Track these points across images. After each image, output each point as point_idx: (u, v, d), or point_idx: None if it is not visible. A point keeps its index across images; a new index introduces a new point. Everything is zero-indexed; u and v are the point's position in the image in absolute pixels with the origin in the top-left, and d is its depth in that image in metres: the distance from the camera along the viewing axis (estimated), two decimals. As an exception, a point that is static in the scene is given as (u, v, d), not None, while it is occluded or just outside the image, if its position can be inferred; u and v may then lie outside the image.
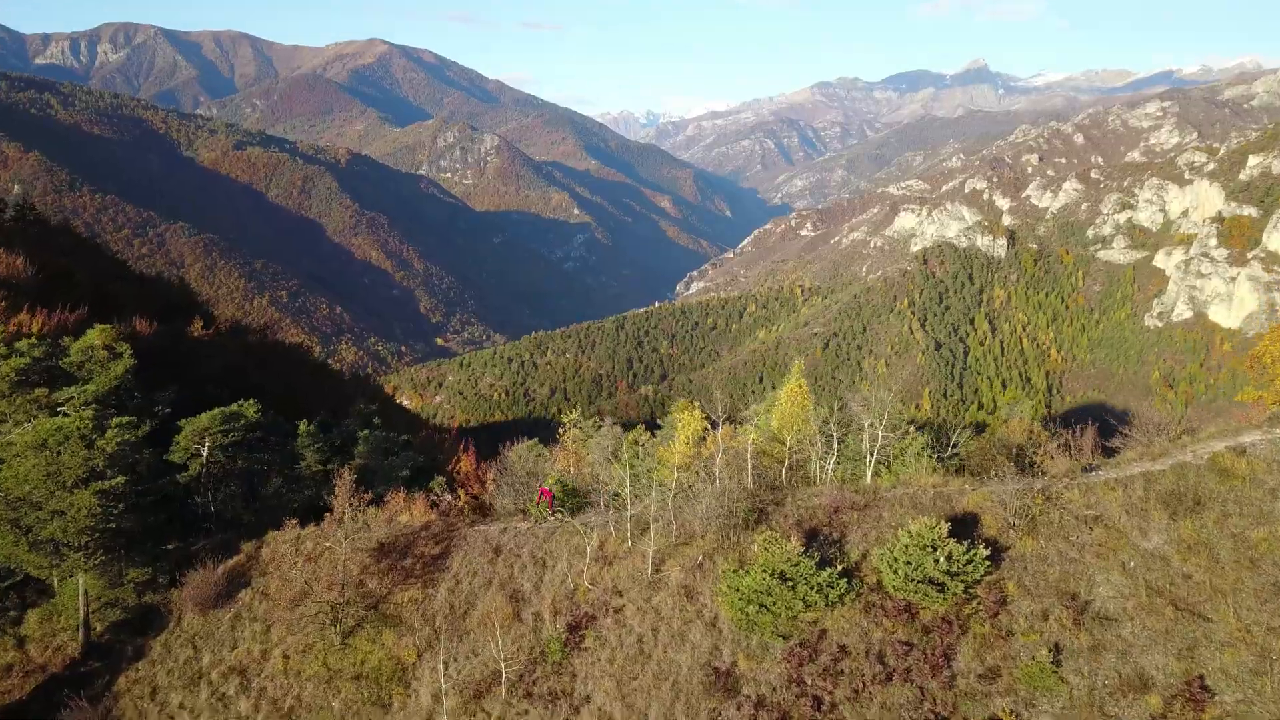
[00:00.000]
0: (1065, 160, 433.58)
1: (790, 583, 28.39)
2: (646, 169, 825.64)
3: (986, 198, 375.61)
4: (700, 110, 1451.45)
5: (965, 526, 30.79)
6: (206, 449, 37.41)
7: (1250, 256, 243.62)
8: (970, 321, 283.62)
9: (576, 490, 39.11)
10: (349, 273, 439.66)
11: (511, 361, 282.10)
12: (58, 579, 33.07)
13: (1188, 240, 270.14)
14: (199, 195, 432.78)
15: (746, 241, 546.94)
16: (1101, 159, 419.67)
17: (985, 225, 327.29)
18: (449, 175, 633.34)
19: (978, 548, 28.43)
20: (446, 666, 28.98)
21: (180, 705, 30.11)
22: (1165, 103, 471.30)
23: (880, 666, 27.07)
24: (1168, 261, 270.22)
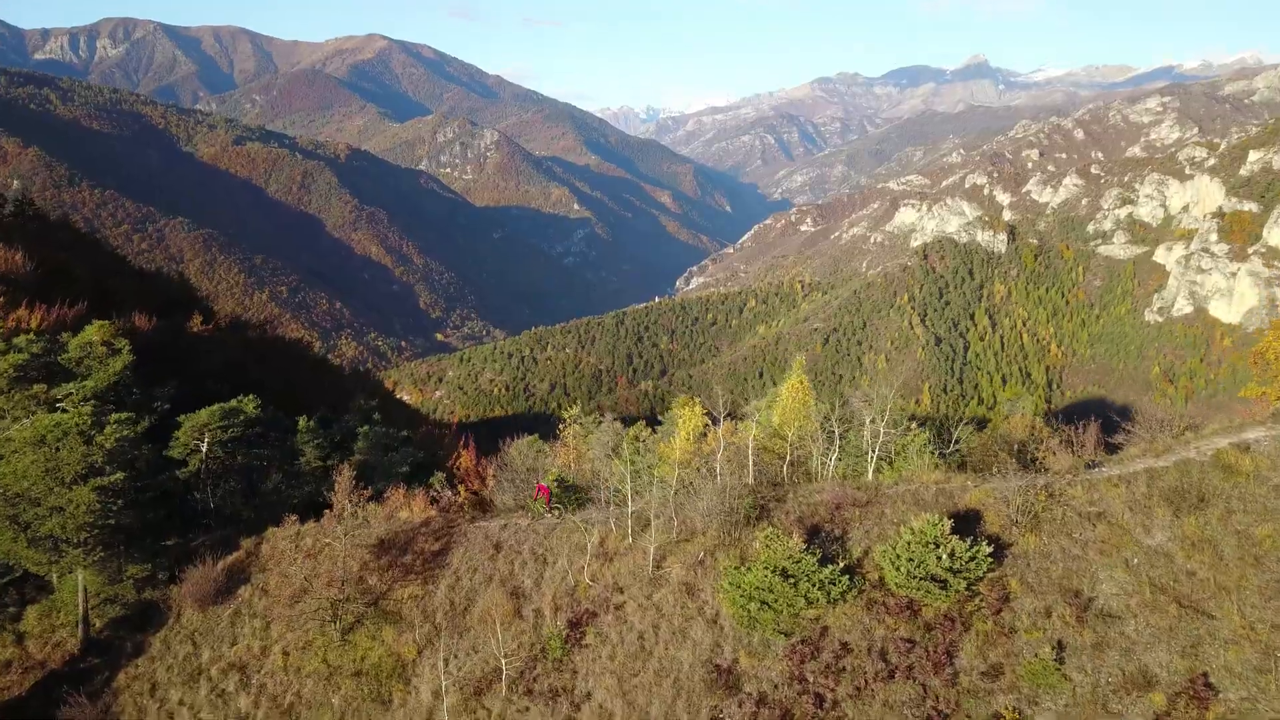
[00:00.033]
0: (1066, 155, 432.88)
1: (792, 580, 28.28)
2: (646, 164, 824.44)
3: (987, 193, 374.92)
4: (700, 105, 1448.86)
5: (968, 523, 30.70)
6: (206, 445, 37.28)
7: (1251, 252, 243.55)
8: (970, 317, 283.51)
9: (577, 486, 38.98)
10: (349, 268, 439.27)
11: (511, 357, 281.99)
12: (57, 575, 32.94)
13: (1188, 235, 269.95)
14: (198, 190, 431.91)
15: (746, 237, 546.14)
16: (1102, 154, 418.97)
17: (986, 220, 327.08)
18: (449, 171, 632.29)
19: (980, 545, 28.33)
20: (447, 663, 28.88)
21: (180, 702, 30.00)
22: (1166, 98, 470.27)
23: (882, 664, 26.97)
24: (1168, 257, 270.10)
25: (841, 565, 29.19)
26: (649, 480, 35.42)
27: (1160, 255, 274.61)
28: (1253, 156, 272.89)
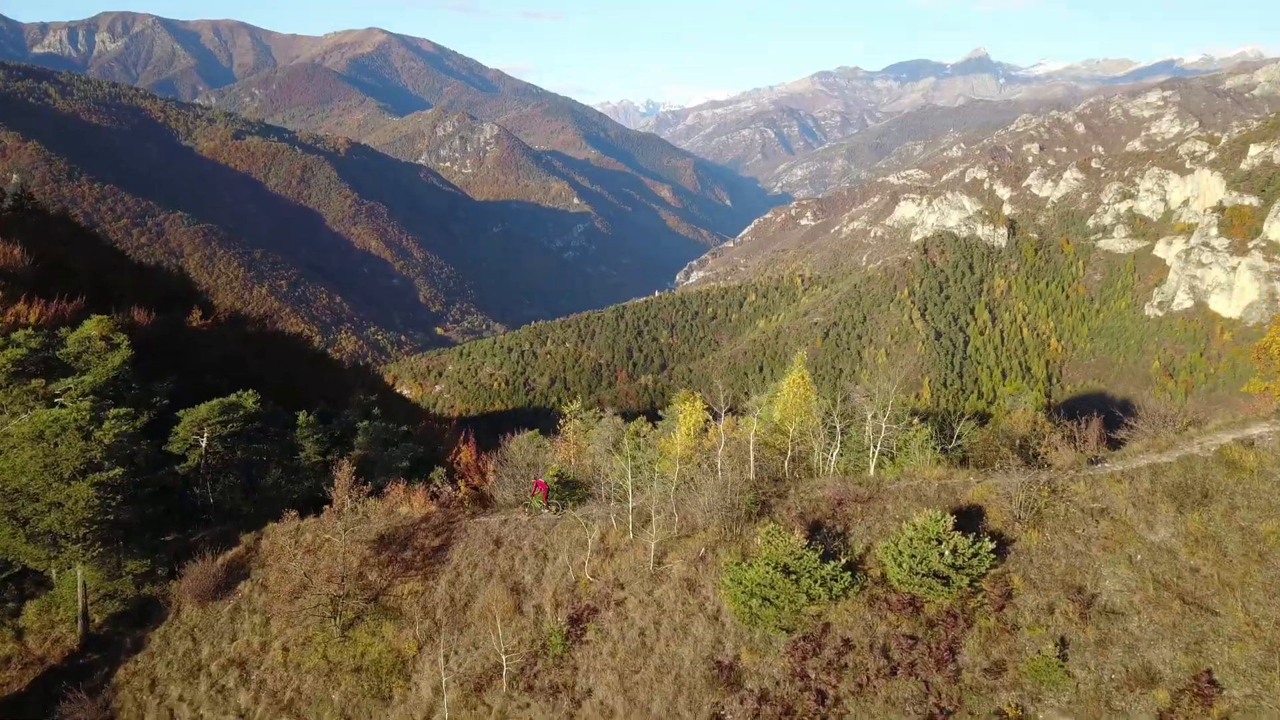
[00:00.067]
0: (1066, 150, 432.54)
1: (793, 576, 28.18)
2: (646, 158, 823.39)
3: (987, 187, 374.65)
4: (700, 99, 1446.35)
5: (970, 519, 30.58)
6: (205, 440, 37.17)
7: (1251, 246, 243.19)
8: (970, 311, 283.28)
9: (578, 482, 38.86)
10: (348, 262, 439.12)
11: (511, 351, 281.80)
12: (56, 571, 32.85)
13: (1188, 230, 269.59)
14: (198, 184, 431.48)
15: (746, 231, 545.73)
16: (1102, 148, 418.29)
17: (986, 215, 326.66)
18: (448, 165, 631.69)
19: (983, 541, 28.20)
20: (447, 659, 28.78)
21: (179, 698, 29.91)
22: (1166, 92, 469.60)
23: (885, 660, 26.88)
24: (1168, 251, 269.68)
25: (843, 561, 29.08)
26: (650, 476, 35.29)
27: (1160, 249, 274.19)
28: (1253, 151, 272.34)
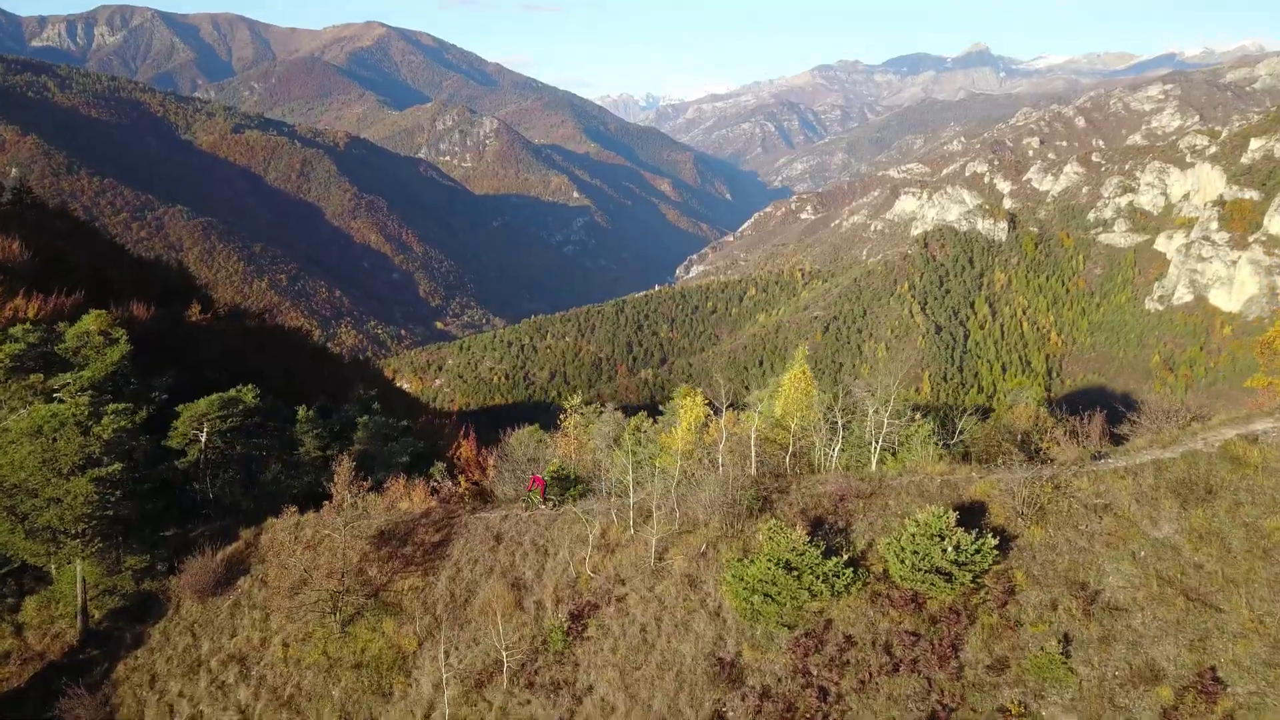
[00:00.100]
0: (1066, 143, 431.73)
1: (795, 572, 28.04)
2: (646, 152, 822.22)
3: (987, 181, 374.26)
4: (700, 93, 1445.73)
5: (972, 515, 30.43)
6: (205, 435, 37.05)
7: (1251, 240, 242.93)
8: (970, 305, 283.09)
9: (579, 477, 38.74)
10: (348, 256, 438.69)
11: (511, 345, 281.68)
12: (55, 566, 32.74)
13: (1189, 224, 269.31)
14: (197, 178, 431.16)
15: (746, 225, 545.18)
16: (1103, 142, 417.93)
17: (986, 209, 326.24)
18: (448, 159, 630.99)
19: (986, 537, 28.04)
20: (447, 655, 28.64)
21: (179, 693, 29.83)
22: (1167, 86, 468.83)
23: (887, 657, 26.77)
24: (1169, 245, 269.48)
25: (845, 558, 28.95)
26: (650, 471, 35.16)
27: (1161, 243, 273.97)
28: (1254, 144, 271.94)
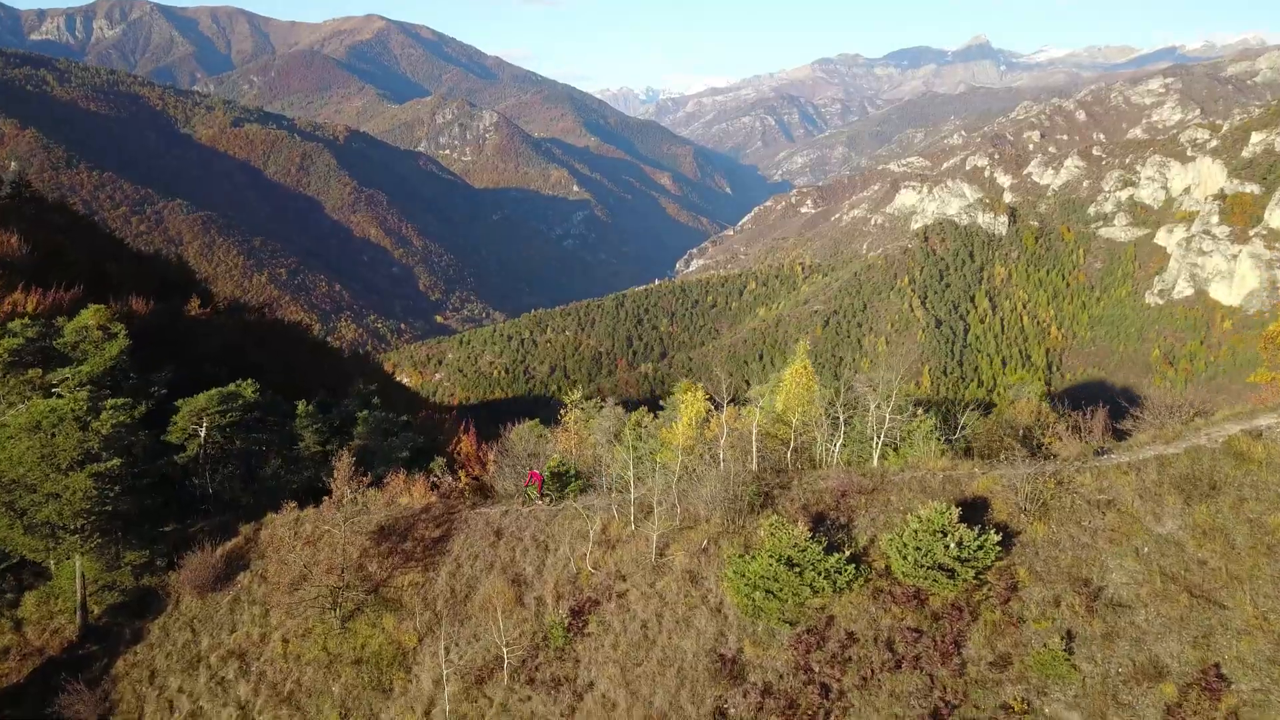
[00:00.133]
0: (1067, 137, 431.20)
1: (797, 568, 27.93)
2: (646, 146, 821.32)
3: (988, 175, 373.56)
4: (700, 87, 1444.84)
5: (975, 511, 30.33)
6: (204, 430, 36.93)
7: (1252, 234, 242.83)
8: (971, 299, 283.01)
9: (579, 473, 38.64)
10: (348, 250, 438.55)
11: (511, 339, 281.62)
12: (54, 562, 32.64)
13: (1189, 217, 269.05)
14: (197, 172, 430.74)
15: (747, 219, 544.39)
16: (1103, 136, 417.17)
17: (986, 202, 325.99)
18: (447, 152, 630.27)
19: (988, 533, 27.93)
20: (448, 651, 28.56)
21: (179, 689, 29.75)
22: (1168, 79, 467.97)
23: (889, 654, 26.67)
24: (1169, 239, 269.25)
25: (847, 554, 28.84)
26: (651, 467, 35.04)
27: (1161, 237, 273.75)
28: (1255, 138, 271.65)
